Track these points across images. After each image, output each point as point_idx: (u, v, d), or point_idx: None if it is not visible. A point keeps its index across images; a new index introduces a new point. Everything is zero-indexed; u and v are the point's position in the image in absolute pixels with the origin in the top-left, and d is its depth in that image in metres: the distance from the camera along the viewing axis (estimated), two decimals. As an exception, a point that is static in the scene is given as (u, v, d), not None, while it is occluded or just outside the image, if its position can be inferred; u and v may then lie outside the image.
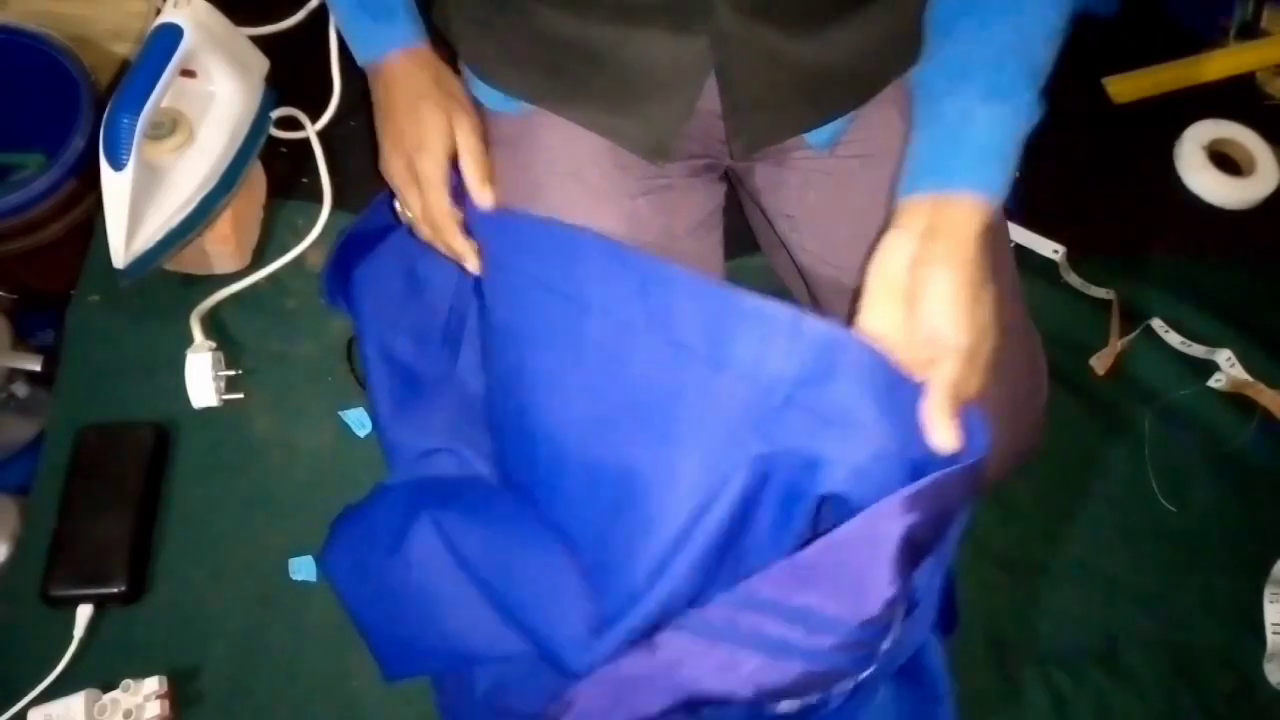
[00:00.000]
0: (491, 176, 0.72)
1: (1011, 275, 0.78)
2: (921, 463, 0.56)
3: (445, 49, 0.75)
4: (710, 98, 0.70)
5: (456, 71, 0.76)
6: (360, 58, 0.73)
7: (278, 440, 0.84)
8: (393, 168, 0.73)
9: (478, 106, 0.76)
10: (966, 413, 0.56)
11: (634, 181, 0.74)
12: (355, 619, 0.76)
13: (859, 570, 0.55)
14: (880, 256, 0.58)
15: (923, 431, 0.55)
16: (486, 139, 0.74)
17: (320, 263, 0.90)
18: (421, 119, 0.71)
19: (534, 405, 0.69)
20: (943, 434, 0.55)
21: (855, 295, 0.73)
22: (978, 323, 0.57)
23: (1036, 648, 0.82)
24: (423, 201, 0.72)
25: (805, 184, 0.78)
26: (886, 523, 0.54)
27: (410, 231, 0.76)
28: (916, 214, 0.58)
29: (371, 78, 0.73)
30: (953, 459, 0.55)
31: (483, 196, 0.71)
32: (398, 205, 0.75)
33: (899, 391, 0.56)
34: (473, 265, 0.72)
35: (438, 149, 0.70)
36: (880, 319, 0.57)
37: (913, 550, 0.55)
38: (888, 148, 0.75)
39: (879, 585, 0.55)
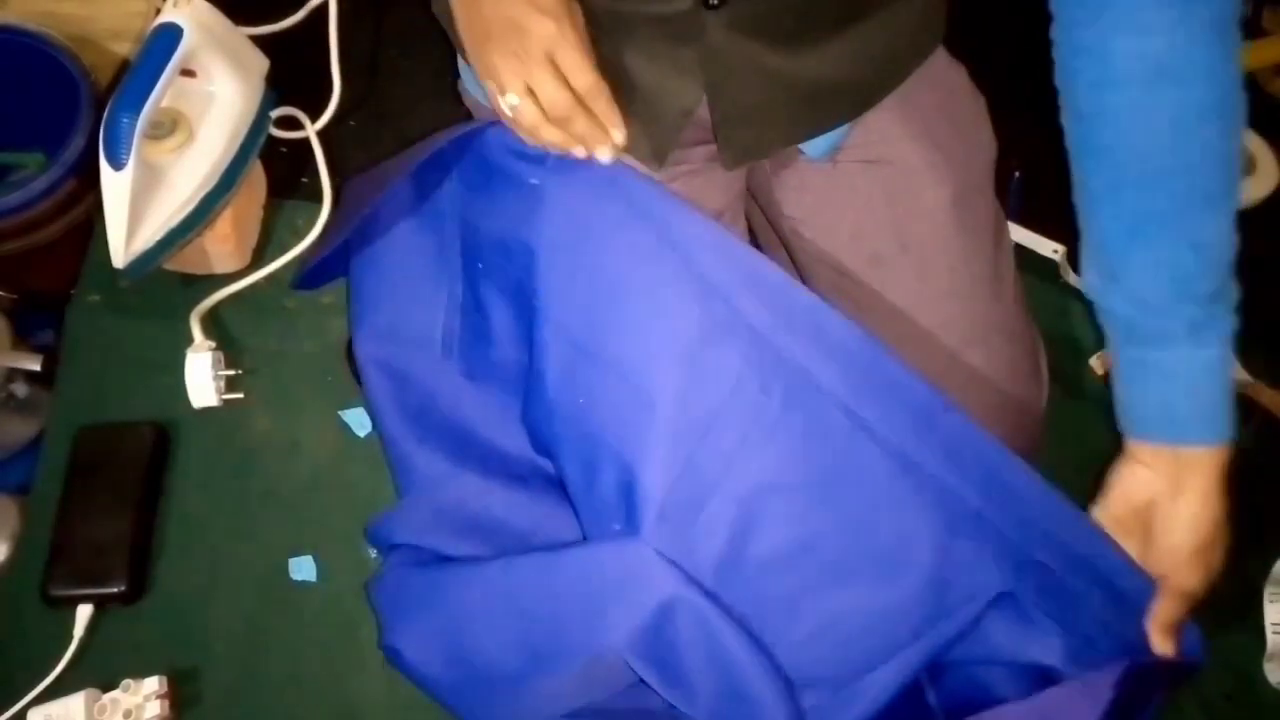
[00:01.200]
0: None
1: (1012, 275, 0.79)
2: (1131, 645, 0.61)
3: (445, 43, 0.75)
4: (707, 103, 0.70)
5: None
6: None
7: (278, 440, 0.84)
8: (498, 53, 0.61)
9: (479, 107, 0.75)
10: (1186, 625, 0.61)
11: (659, 170, 0.74)
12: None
13: None
14: (1123, 487, 0.62)
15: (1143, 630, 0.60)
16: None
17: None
18: None
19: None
20: (1163, 646, 0.60)
21: (855, 298, 0.73)
22: (1212, 568, 0.61)
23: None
24: (566, 62, 0.61)
25: (806, 188, 0.78)
26: (1092, 697, 0.56)
27: (507, 129, 0.66)
28: (1159, 461, 0.60)
29: None
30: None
31: (616, 122, 0.63)
32: (501, 102, 0.64)
33: (1127, 582, 0.61)
34: (620, 136, 0.63)
35: (567, 13, 0.60)
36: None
37: None
38: (888, 154, 0.75)
39: None
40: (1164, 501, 0.60)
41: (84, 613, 0.75)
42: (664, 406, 0.64)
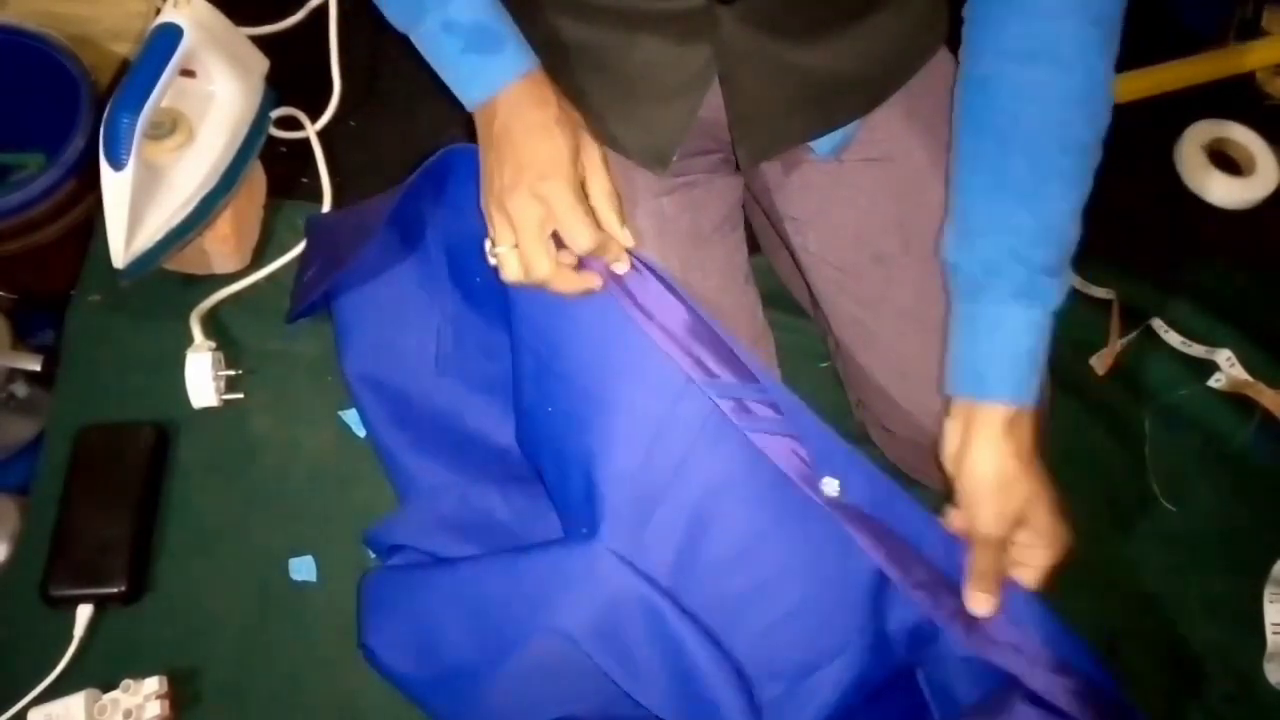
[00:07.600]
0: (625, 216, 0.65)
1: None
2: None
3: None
4: (714, 105, 0.70)
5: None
6: (473, 99, 0.65)
7: (277, 440, 0.84)
8: (514, 203, 0.62)
9: None
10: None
11: (658, 180, 0.74)
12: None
13: None
14: (943, 444, 0.65)
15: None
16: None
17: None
18: (551, 140, 0.63)
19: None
20: (974, 601, 0.63)
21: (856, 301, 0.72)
22: (1006, 515, 0.62)
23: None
24: (564, 230, 0.63)
25: (810, 186, 0.78)
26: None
27: (495, 275, 0.66)
28: (959, 414, 0.64)
29: (483, 116, 0.65)
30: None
31: (624, 236, 0.64)
32: (488, 245, 0.66)
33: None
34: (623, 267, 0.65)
35: (570, 175, 0.62)
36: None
37: None
38: (893, 151, 0.75)
39: None
40: (959, 453, 0.63)
41: (84, 612, 0.75)
42: (615, 415, 0.66)
